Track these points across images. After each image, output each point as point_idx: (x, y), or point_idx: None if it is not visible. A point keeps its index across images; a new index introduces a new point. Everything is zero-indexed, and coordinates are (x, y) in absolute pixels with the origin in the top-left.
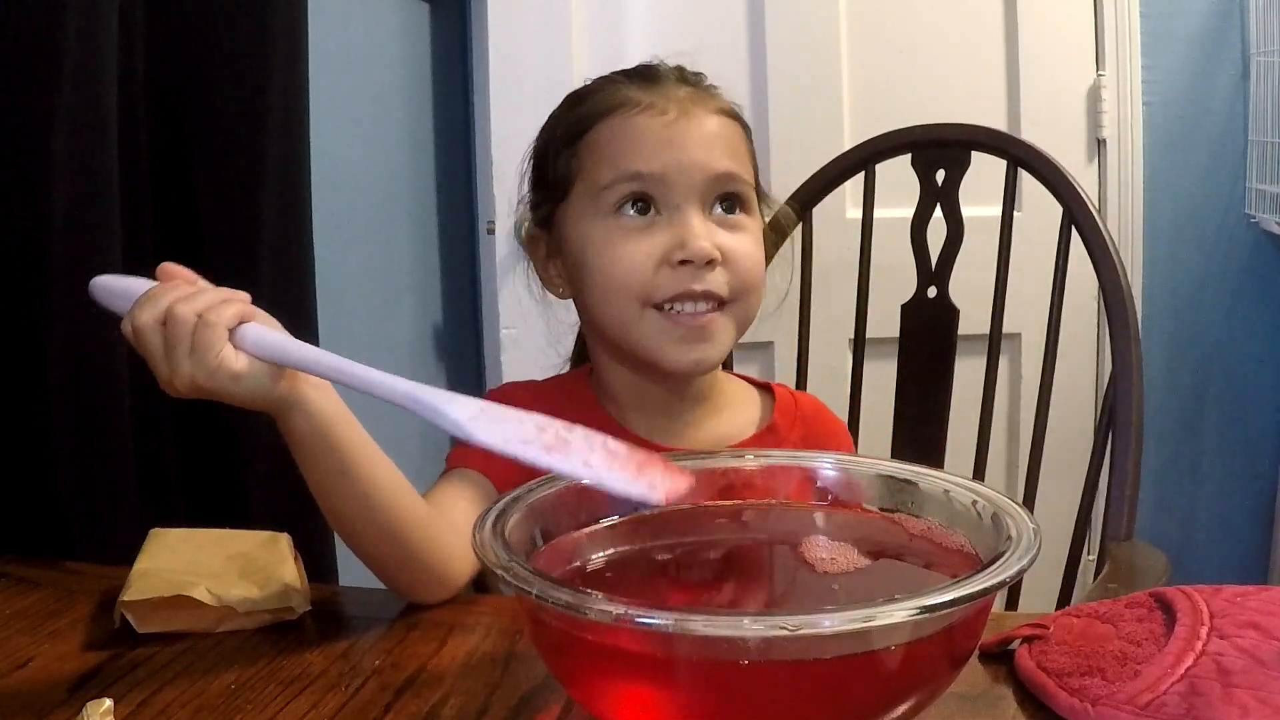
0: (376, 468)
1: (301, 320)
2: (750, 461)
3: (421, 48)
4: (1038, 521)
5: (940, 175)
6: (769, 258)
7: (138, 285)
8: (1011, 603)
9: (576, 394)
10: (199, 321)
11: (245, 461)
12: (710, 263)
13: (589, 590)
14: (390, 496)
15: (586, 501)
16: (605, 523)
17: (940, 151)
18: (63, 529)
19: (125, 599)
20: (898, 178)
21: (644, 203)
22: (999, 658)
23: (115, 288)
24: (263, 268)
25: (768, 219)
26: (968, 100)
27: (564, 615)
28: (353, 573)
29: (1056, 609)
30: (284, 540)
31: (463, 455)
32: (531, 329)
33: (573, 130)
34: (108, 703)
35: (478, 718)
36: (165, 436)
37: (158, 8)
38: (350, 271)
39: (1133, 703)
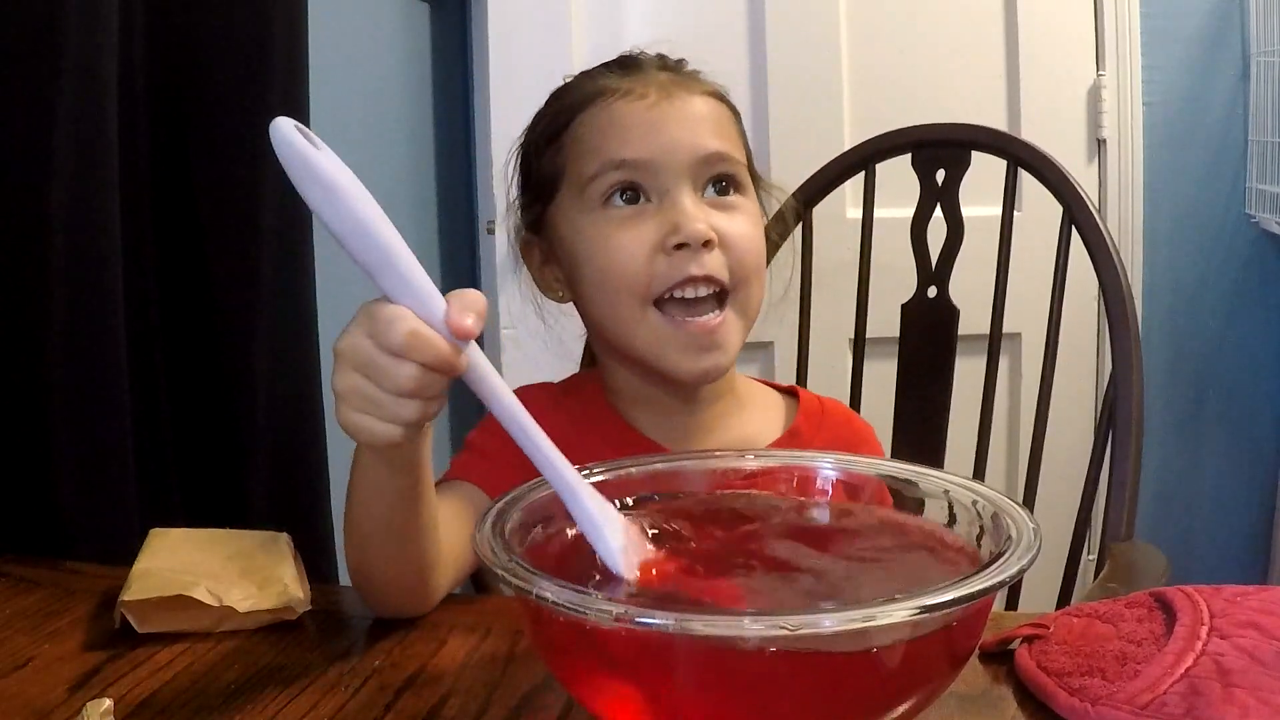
0: (429, 508)
1: (302, 321)
2: (750, 462)
3: (421, 48)
4: (1038, 521)
5: (940, 175)
6: (774, 249)
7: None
8: (1011, 603)
9: (590, 397)
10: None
11: (245, 461)
12: (707, 244)
13: (589, 590)
14: (426, 538)
15: None
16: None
17: (940, 151)
18: (63, 529)
19: (125, 599)
20: (898, 178)
21: (633, 191)
22: (999, 658)
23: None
24: (263, 268)
25: (771, 209)
26: (968, 100)
27: (564, 615)
28: None
29: (1056, 609)
30: (284, 540)
31: (464, 466)
32: (532, 329)
33: (554, 126)
34: (108, 703)
35: (478, 718)
36: (165, 436)
37: (158, 8)
38: (350, 272)
39: (1133, 703)
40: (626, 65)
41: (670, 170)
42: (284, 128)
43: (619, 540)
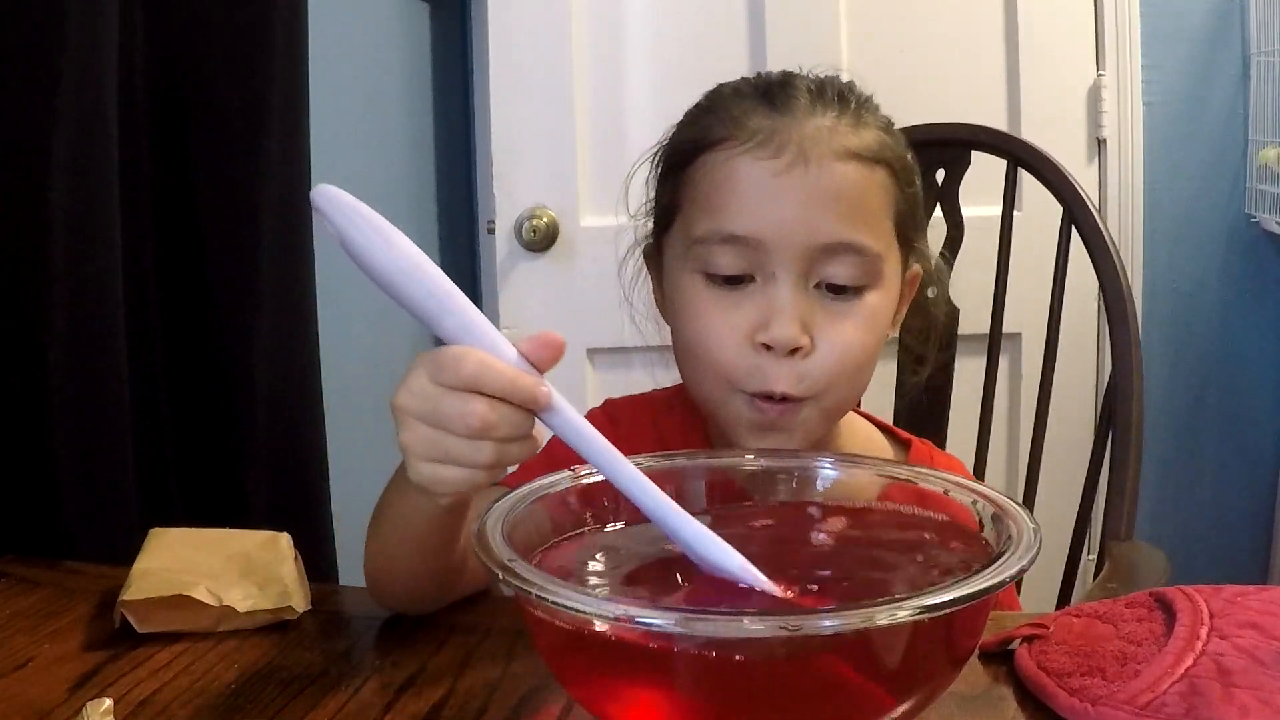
0: (468, 532)
1: (302, 321)
2: (750, 462)
3: (421, 48)
4: (1038, 521)
5: (940, 175)
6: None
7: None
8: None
9: (692, 423)
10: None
11: (245, 461)
12: (797, 349)
13: (589, 590)
14: (457, 556)
15: (589, 502)
16: (609, 527)
17: (940, 151)
18: (63, 529)
19: (125, 599)
20: None
21: (738, 266)
22: (999, 658)
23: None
24: (263, 268)
25: (919, 264)
26: (968, 100)
27: (564, 615)
28: (353, 573)
29: (1056, 609)
30: (284, 540)
31: (529, 471)
32: (532, 329)
33: (679, 156)
34: (108, 703)
35: (477, 718)
36: (165, 436)
37: (158, 8)
38: (350, 272)
39: (1133, 703)
40: (772, 97)
41: (780, 253)
42: (329, 188)
43: (741, 559)
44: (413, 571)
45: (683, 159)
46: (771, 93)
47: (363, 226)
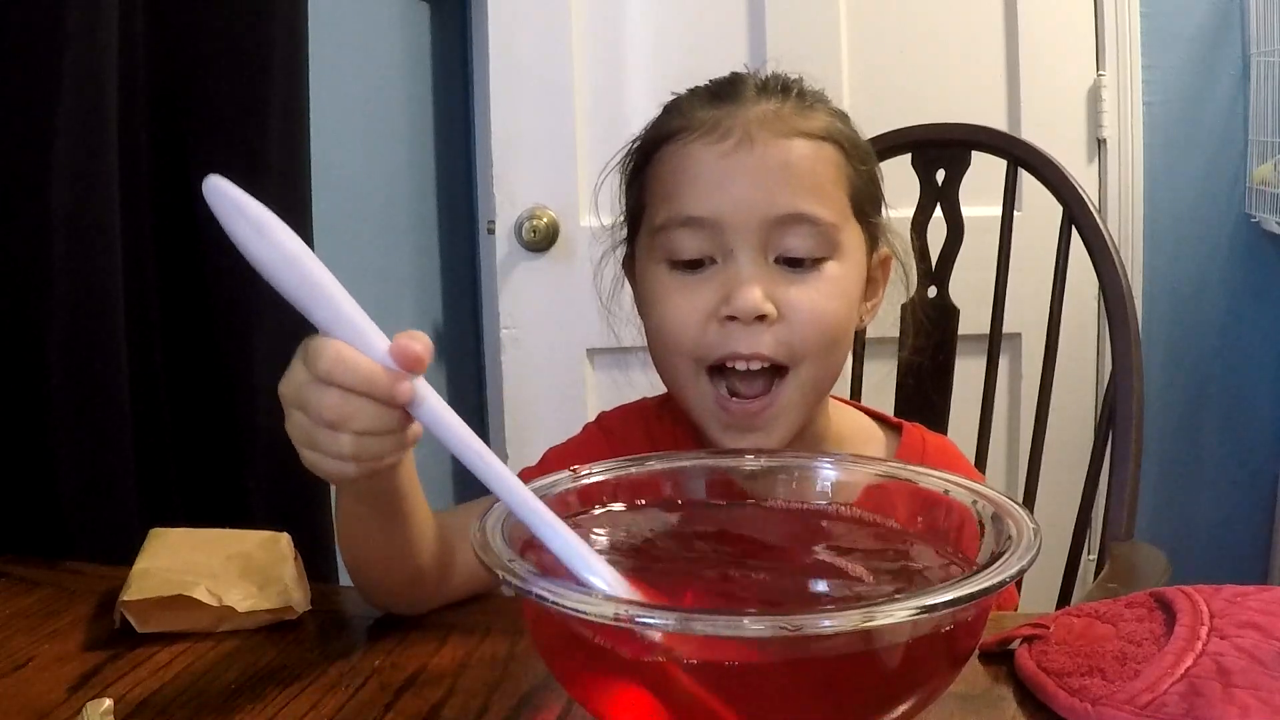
0: (413, 531)
1: (302, 320)
2: (750, 462)
3: (421, 47)
4: (1038, 521)
5: (940, 175)
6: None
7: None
8: None
9: (684, 424)
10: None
11: (245, 461)
12: (762, 318)
13: (589, 590)
14: (423, 545)
15: (589, 502)
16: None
17: (940, 151)
18: (63, 529)
19: (125, 599)
20: (898, 178)
21: (698, 248)
22: (999, 658)
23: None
24: None
25: (886, 246)
26: (968, 100)
27: (564, 615)
28: None
29: (1056, 609)
30: (284, 540)
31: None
32: (532, 329)
33: (639, 157)
34: (108, 703)
35: (478, 718)
36: (165, 436)
37: (158, 8)
38: (350, 272)
39: (1133, 703)
40: (721, 92)
41: (735, 230)
42: (216, 179)
43: (602, 567)
44: (378, 574)
45: (642, 159)
46: (720, 89)
47: (238, 219)
